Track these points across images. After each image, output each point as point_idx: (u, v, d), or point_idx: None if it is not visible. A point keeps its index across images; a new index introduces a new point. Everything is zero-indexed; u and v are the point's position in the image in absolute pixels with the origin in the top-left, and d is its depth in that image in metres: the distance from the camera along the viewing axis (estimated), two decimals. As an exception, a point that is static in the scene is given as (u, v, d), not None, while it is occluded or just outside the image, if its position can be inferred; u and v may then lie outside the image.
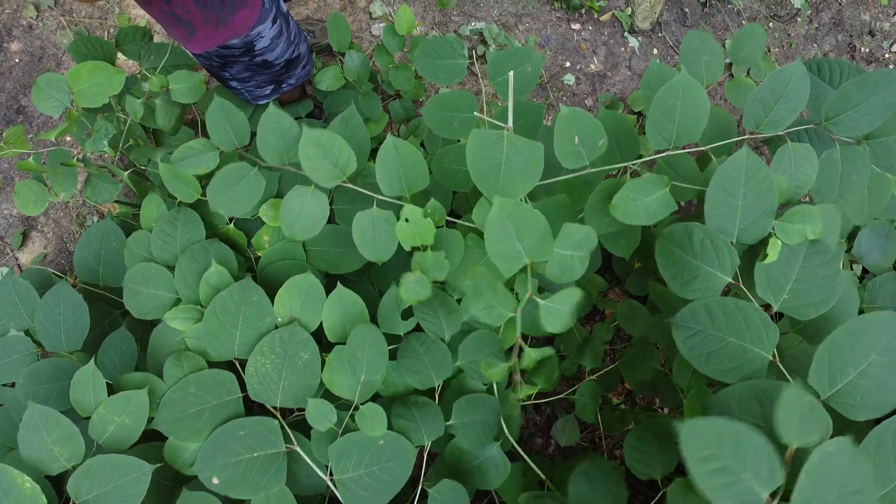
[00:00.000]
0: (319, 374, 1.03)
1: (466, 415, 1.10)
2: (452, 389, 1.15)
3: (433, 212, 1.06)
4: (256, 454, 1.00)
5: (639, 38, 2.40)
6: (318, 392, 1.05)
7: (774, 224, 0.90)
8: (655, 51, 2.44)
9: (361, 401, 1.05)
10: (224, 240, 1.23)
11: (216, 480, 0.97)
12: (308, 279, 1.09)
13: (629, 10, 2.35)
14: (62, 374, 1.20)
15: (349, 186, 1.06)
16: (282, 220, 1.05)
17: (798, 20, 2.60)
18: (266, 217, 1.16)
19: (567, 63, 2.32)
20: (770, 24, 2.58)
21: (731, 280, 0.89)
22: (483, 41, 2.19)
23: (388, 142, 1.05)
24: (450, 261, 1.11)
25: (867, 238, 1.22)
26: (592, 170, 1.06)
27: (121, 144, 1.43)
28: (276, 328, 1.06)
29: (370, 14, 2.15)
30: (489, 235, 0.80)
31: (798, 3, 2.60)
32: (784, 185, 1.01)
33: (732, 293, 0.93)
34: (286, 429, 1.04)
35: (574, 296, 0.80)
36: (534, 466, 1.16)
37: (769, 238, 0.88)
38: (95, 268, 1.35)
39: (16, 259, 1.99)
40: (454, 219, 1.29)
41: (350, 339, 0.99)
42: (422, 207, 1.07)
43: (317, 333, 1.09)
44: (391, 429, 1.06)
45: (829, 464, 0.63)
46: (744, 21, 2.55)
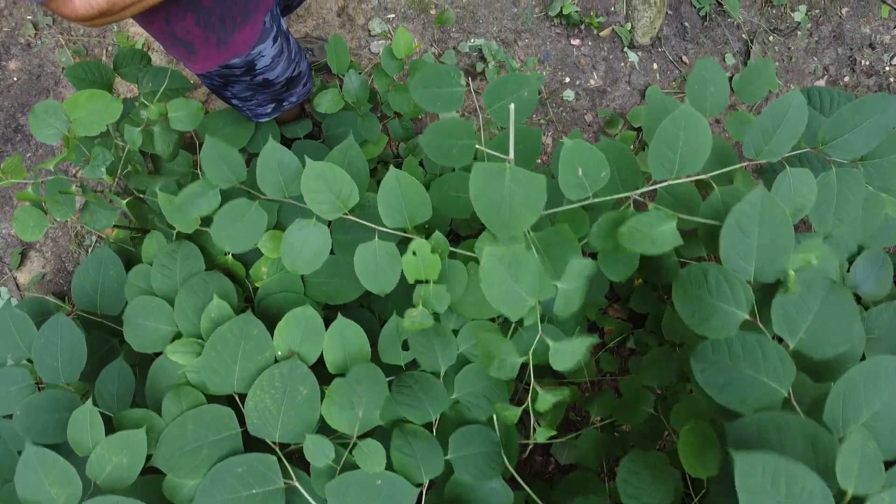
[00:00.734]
0: (319, 409, 1.02)
1: (465, 447, 1.09)
2: (450, 420, 1.14)
3: (437, 244, 1.05)
4: (255, 491, 0.99)
5: (638, 53, 2.40)
6: (318, 426, 1.04)
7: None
8: (655, 65, 2.43)
9: (360, 433, 1.04)
10: (223, 270, 1.22)
11: (215, 519, 0.96)
12: (307, 312, 1.08)
13: (629, 26, 2.34)
14: (60, 406, 1.19)
15: (351, 218, 1.06)
16: (283, 254, 1.05)
17: (798, 34, 2.60)
18: (265, 248, 1.15)
19: (566, 79, 2.32)
20: (770, 38, 2.58)
21: (748, 316, 0.89)
22: (482, 58, 2.19)
23: (391, 174, 1.05)
24: (452, 291, 1.10)
25: (862, 267, 1.21)
26: (595, 200, 1.05)
27: (119, 170, 1.43)
28: (276, 362, 1.05)
29: (369, 31, 2.14)
30: (486, 283, 0.80)
31: (798, 17, 2.60)
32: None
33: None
34: (285, 464, 1.03)
35: (587, 341, 0.80)
36: (535, 498, 1.15)
37: (787, 274, 0.87)
38: (93, 296, 1.34)
39: (14, 279, 1.99)
40: (454, 245, 1.28)
41: (349, 377, 0.98)
42: (422, 233, 1.07)
43: (318, 363, 1.09)
44: (390, 462, 1.05)
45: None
46: (744, 35, 2.55)
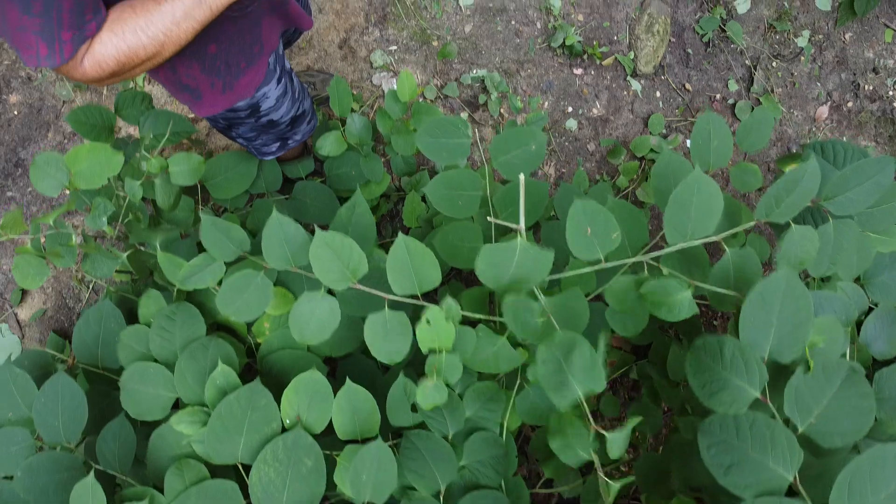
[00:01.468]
0: (324, 481, 1.01)
1: (476, 513, 1.07)
2: (456, 485, 1.12)
3: (449, 312, 1.04)
4: (261, 565, 0.97)
5: (641, 82, 2.38)
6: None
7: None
8: (658, 93, 2.42)
9: None
10: (223, 327, 1.21)
11: None
12: (314, 377, 1.06)
13: (632, 55, 2.33)
14: (61, 467, 1.17)
15: (359, 288, 1.05)
16: (292, 326, 1.04)
17: (801, 59, 2.59)
18: (269, 307, 1.14)
19: (569, 108, 2.31)
20: (773, 64, 2.57)
21: (759, 395, 0.88)
22: (484, 89, 2.18)
23: (400, 242, 1.04)
24: (461, 352, 1.09)
25: (874, 325, 1.20)
26: (608, 264, 1.04)
27: (120, 218, 1.41)
28: (284, 430, 1.04)
29: (371, 63, 2.13)
30: (543, 380, 0.81)
31: (801, 42, 2.59)
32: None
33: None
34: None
35: (635, 421, 0.80)
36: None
37: (807, 354, 0.87)
38: (94, 349, 1.33)
39: (15, 315, 1.97)
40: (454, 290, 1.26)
41: (356, 461, 0.97)
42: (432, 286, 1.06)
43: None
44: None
45: None
46: (747, 61, 2.54)
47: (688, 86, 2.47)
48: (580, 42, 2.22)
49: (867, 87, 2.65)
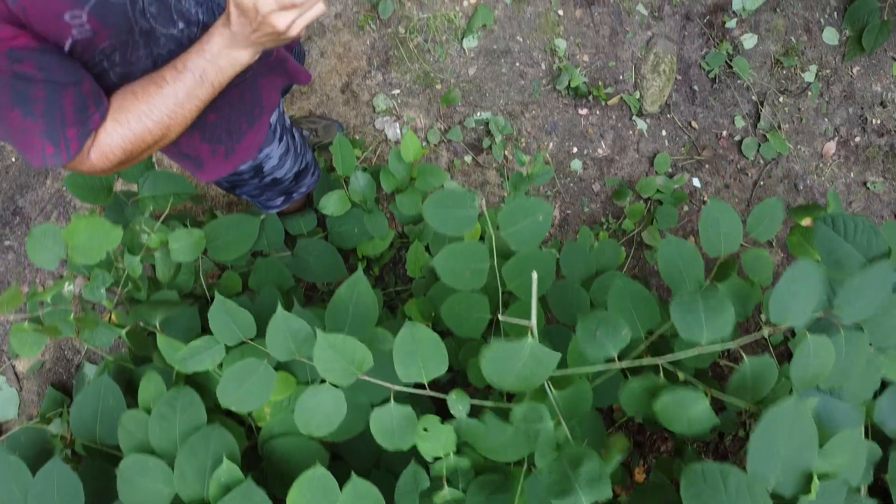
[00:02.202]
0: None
1: None
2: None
3: (454, 404, 1.01)
4: None
5: (647, 121, 2.36)
6: None
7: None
8: (664, 132, 2.39)
9: None
10: (223, 411, 1.18)
11: None
12: (318, 472, 1.03)
13: (637, 94, 2.30)
14: (57, 557, 1.14)
15: (365, 379, 1.02)
16: (297, 419, 1.01)
17: (809, 94, 2.56)
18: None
19: (574, 149, 2.28)
20: (780, 99, 2.54)
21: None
22: (488, 132, 2.15)
23: (406, 330, 1.01)
24: (473, 446, 1.07)
25: (888, 403, 1.17)
26: (621, 364, 1.01)
27: (120, 288, 1.38)
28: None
29: (373, 108, 2.10)
30: (548, 484, 0.77)
31: (809, 77, 2.56)
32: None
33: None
34: None
35: None
36: None
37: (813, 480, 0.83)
38: (92, 426, 1.30)
39: (13, 367, 1.94)
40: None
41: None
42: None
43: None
44: None
45: None
46: (753, 96, 2.51)
47: (694, 123, 2.44)
48: (585, 83, 2.19)
49: (875, 122, 2.62)
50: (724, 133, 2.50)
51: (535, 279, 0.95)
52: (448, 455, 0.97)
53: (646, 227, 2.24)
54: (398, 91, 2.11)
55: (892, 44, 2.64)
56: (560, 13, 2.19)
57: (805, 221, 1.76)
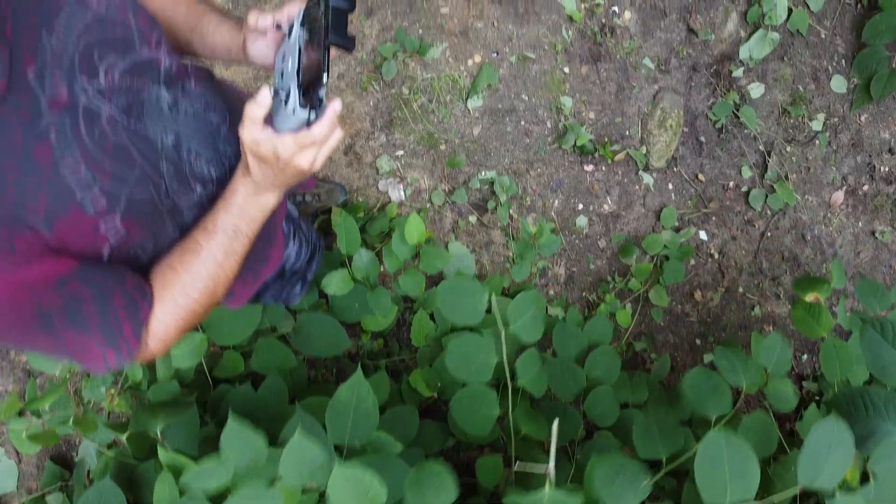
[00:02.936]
0: None
1: None
2: None
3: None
4: None
5: (653, 175, 2.33)
6: None
7: None
8: (671, 185, 2.37)
9: None
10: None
11: None
12: None
13: (644, 149, 2.28)
14: None
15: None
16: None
17: (816, 143, 2.53)
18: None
19: (579, 205, 2.25)
20: (787, 149, 2.51)
21: None
22: (493, 192, 2.12)
23: (413, 473, 0.99)
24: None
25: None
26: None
27: (121, 383, 1.37)
28: None
29: (377, 169, 2.08)
30: None
31: (816, 126, 2.53)
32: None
33: None
34: None
35: None
36: None
37: None
38: (94, 533, 1.28)
39: (14, 448, 1.92)
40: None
41: None
42: None
43: None
44: None
45: None
46: (760, 146, 2.48)
47: (700, 176, 2.41)
48: (591, 141, 2.17)
49: (883, 169, 2.59)
50: (731, 184, 2.47)
51: (556, 430, 0.92)
52: None
53: (653, 286, 2.22)
54: (402, 152, 2.09)
55: (901, 90, 2.61)
56: (566, 70, 2.16)
57: (810, 297, 1.72)
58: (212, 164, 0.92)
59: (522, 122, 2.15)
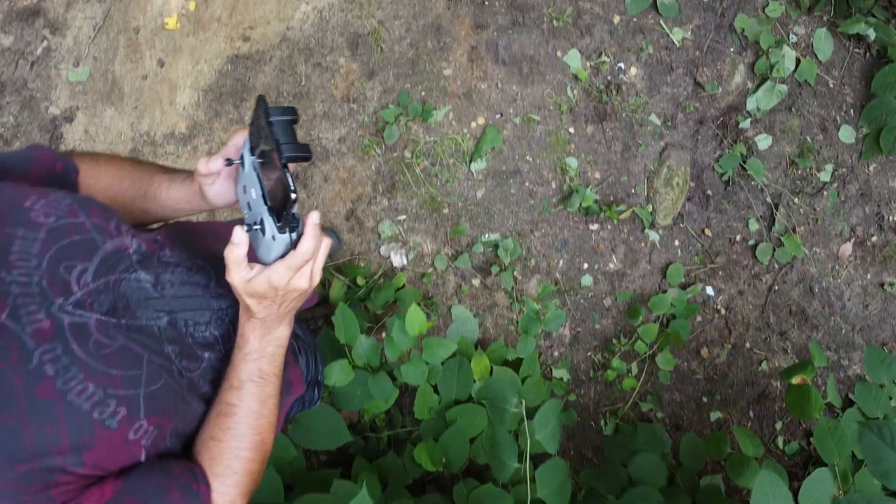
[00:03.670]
0: None
1: None
2: None
3: None
4: None
5: (659, 232, 2.30)
6: None
7: None
8: (677, 242, 2.33)
9: None
10: None
11: None
12: None
13: (650, 207, 2.24)
14: None
15: None
16: None
17: (824, 194, 2.49)
18: None
19: (584, 265, 2.22)
20: (795, 200, 2.48)
21: None
22: (497, 255, 2.09)
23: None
24: None
25: None
26: None
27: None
28: None
29: (378, 234, 2.05)
30: None
31: (825, 177, 2.49)
32: None
33: None
34: None
35: None
36: None
37: None
38: None
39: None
40: None
41: None
42: None
43: None
44: None
45: None
46: (767, 198, 2.44)
47: (707, 231, 2.38)
48: (597, 202, 2.14)
49: (892, 219, 2.56)
50: (738, 237, 2.43)
51: None
52: None
53: (662, 349, 2.18)
54: (404, 216, 2.05)
55: (911, 139, 2.57)
56: (571, 130, 2.13)
57: (796, 380, 1.71)
58: (212, 326, 0.89)
59: (527, 184, 2.12)
